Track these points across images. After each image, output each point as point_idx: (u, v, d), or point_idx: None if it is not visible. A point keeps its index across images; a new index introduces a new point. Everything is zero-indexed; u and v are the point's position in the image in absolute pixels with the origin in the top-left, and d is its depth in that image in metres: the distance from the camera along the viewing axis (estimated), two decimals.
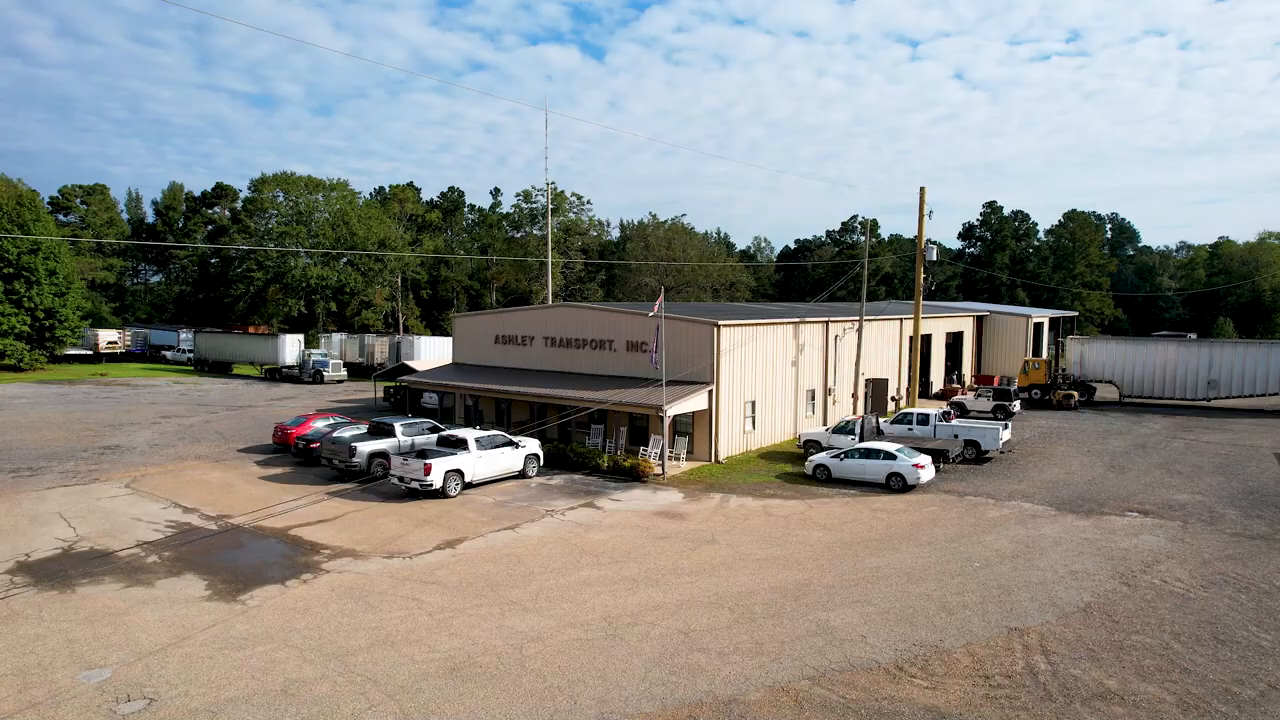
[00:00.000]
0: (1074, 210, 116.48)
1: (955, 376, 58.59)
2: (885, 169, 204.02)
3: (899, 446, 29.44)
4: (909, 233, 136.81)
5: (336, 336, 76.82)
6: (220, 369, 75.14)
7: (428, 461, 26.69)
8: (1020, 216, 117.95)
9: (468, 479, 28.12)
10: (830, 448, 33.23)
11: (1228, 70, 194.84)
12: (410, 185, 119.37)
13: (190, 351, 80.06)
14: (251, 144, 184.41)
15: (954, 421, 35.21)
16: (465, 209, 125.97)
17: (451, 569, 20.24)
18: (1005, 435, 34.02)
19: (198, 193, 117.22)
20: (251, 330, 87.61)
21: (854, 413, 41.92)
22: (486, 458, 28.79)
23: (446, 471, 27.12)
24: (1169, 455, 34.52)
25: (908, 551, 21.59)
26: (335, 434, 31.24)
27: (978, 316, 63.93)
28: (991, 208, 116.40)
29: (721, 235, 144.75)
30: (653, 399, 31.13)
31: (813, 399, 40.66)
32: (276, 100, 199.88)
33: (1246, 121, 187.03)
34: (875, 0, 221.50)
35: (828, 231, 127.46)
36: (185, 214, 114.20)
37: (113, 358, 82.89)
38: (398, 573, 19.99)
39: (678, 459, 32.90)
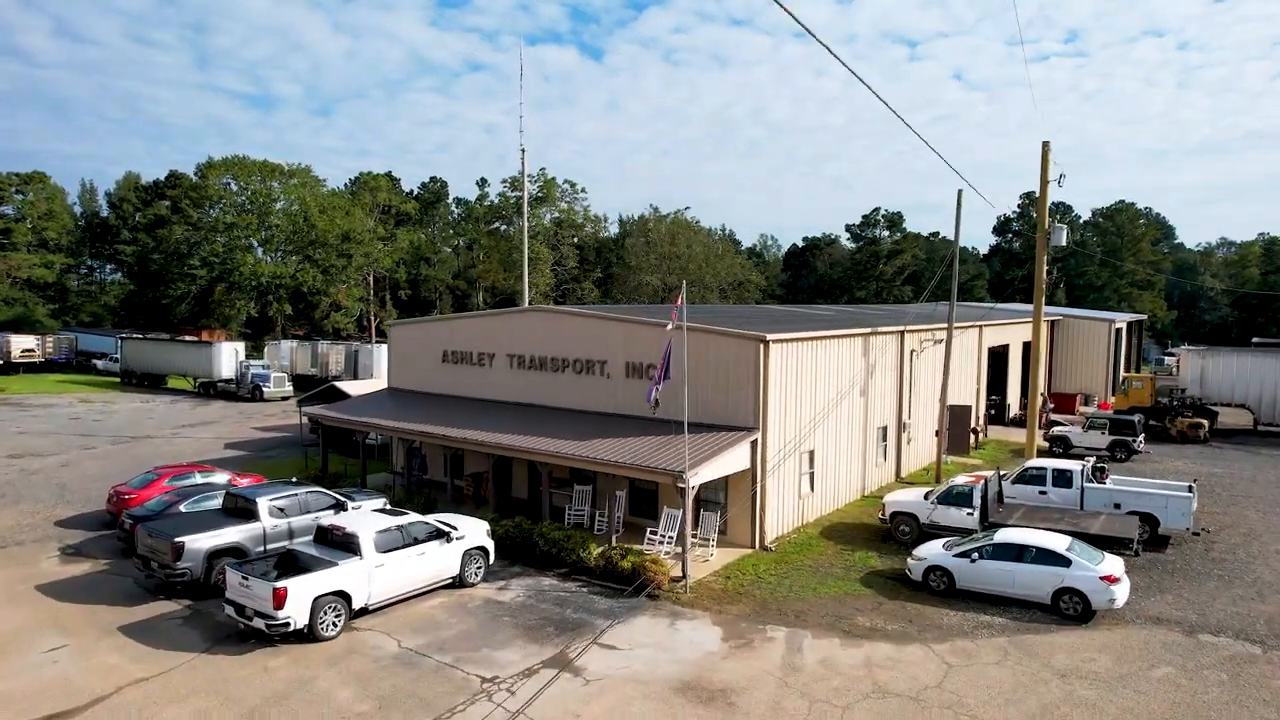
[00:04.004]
0: (1121, 202, 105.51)
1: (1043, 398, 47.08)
2: (886, 167, 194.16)
3: (1070, 542, 18.12)
4: (920, 230, 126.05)
5: (285, 343, 65.36)
6: (153, 381, 63.69)
7: (279, 586, 15.21)
8: (1062, 209, 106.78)
9: (360, 603, 16.77)
10: (934, 526, 21.92)
11: (1226, 70, 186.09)
12: (388, 175, 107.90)
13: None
14: (250, 144, 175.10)
15: (1109, 482, 23.85)
16: (449, 201, 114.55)
17: None
18: (1193, 504, 22.64)
19: (158, 183, 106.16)
20: (205, 336, 76.23)
21: (936, 454, 30.65)
22: (395, 563, 17.36)
23: (316, 599, 15.68)
24: None
25: None
26: (162, 517, 19.81)
27: (1050, 321, 52.68)
28: (1029, 199, 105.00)
29: (727, 231, 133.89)
30: (667, 459, 19.78)
31: (884, 439, 29.36)
32: (275, 100, 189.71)
33: (1246, 121, 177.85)
34: (874, 0, 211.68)
35: (846, 226, 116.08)
36: (137, 205, 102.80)
37: (31, 368, 71.28)
38: None
39: (706, 545, 21.54)
